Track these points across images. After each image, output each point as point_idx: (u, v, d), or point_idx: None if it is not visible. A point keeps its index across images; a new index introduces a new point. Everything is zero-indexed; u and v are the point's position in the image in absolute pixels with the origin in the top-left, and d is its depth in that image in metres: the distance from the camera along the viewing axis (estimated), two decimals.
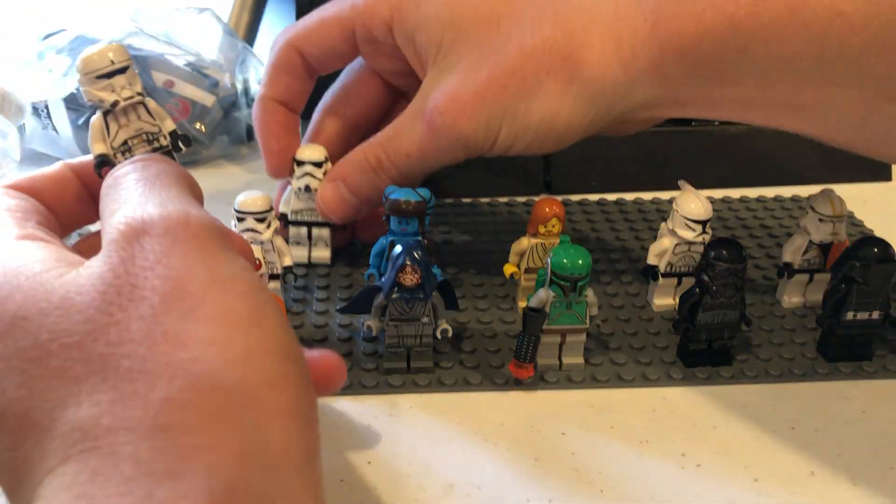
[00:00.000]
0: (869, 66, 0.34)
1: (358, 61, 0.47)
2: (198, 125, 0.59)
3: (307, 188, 0.45)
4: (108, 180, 0.27)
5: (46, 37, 0.59)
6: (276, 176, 0.47)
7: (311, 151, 0.45)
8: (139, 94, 0.32)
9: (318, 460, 0.23)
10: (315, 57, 0.45)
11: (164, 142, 0.33)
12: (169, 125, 0.33)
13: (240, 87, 0.62)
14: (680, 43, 0.36)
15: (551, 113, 0.39)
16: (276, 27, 0.81)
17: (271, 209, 0.42)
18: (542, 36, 0.38)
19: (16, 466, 0.21)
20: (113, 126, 0.32)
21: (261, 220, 0.42)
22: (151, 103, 0.33)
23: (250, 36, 0.71)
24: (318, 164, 0.45)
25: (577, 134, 0.40)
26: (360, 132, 0.48)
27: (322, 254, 0.48)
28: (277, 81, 0.45)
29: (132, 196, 0.25)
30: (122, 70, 0.31)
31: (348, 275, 0.47)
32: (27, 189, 0.29)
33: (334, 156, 0.46)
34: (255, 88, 0.63)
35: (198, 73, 0.59)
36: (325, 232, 0.47)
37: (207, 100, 0.59)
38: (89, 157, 0.32)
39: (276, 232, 0.43)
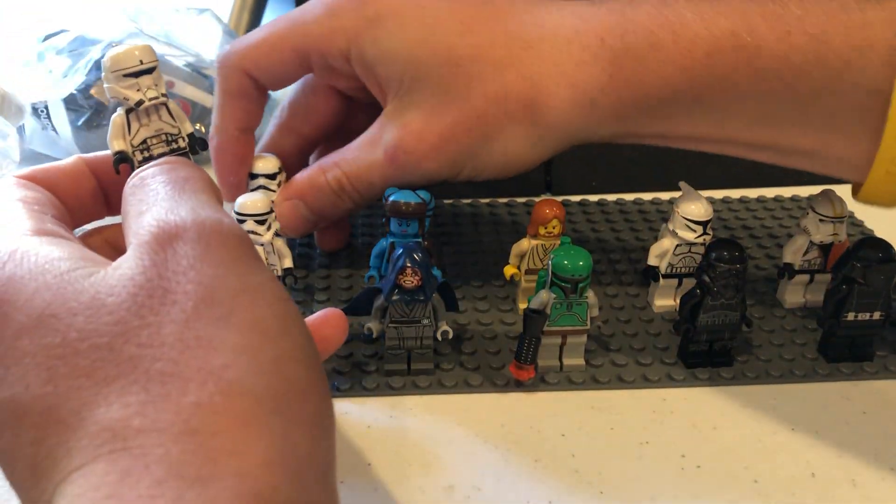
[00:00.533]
0: (818, 105, 0.36)
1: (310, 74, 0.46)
2: (198, 125, 0.59)
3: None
4: (135, 180, 0.27)
5: (46, 37, 0.59)
6: (231, 201, 0.45)
7: (264, 163, 0.45)
8: (163, 94, 0.32)
9: (335, 468, 0.23)
10: (267, 79, 0.44)
11: (182, 143, 0.33)
12: (188, 127, 0.34)
13: None
14: (637, 92, 0.38)
15: (514, 153, 0.41)
16: None
17: (271, 211, 0.42)
18: (505, 82, 0.39)
19: (36, 462, 0.21)
20: (134, 124, 0.32)
21: (261, 223, 0.42)
22: (173, 105, 0.33)
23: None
24: (272, 177, 0.45)
25: (538, 163, 0.42)
26: (316, 144, 0.48)
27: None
28: (233, 108, 0.44)
29: (162, 198, 0.25)
30: (150, 70, 0.32)
31: (348, 276, 0.47)
32: (41, 181, 0.29)
33: (289, 170, 0.46)
34: None
35: (198, 73, 0.59)
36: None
37: (207, 100, 0.59)
38: (104, 153, 0.32)
39: (276, 234, 0.43)
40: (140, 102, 0.32)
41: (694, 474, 0.34)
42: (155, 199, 0.25)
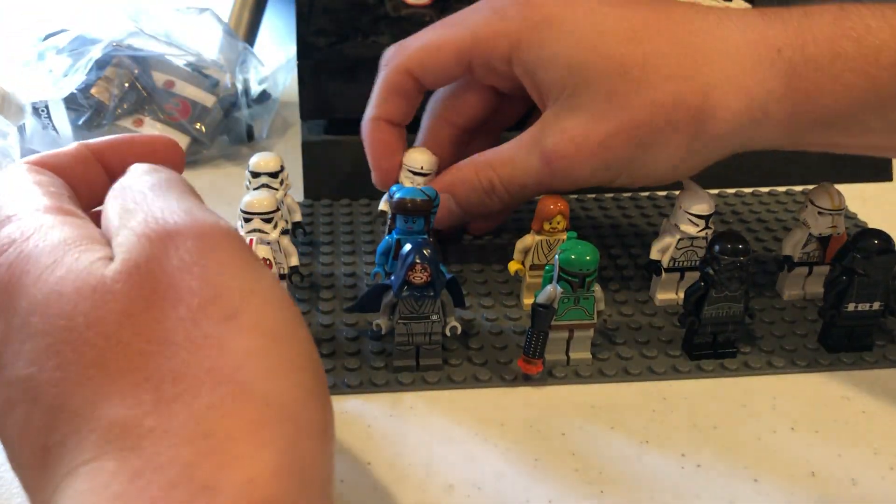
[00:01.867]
0: None
1: None
2: (198, 125, 0.59)
3: None
4: (115, 188, 0.26)
5: (46, 37, 0.59)
6: (383, 188, 0.47)
7: (266, 162, 0.45)
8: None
9: (334, 476, 0.23)
10: (428, 79, 0.45)
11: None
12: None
13: (240, 87, 0.62)
14: (815, 104, 0.37)
15: (673, 164, 0.40)
16: (276, 27, 0.82)
17: (277, 209, 0.42)
18: (673, 91, 0.39)
19: (47, 449, 0.20)
20: None
21: (268, 221, 0.42)
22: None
23: (250, 36, 0.71)
24: (274, 175, 0.45)
25: (695, 172, 0.42)
26: (470, 135, 0.49)
27: None
28: (389, 102, 0.45)
29: (151, 199, 0.24)
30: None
31: (352, 274, 0.48)
32: (51, 167, 0.28)
33: (445, 160, 0.46)
34: (256, 88, 0.64)
35: (198, 73, 0.59)
36: None
37: (207, 100, 0.59)
38: (105, 139, 0.31)
39: (282, 232, 0.43)
40: None
41: (694, 473, 0.35)
42: (143, 199, 0.24)
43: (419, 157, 0.46)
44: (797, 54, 0.37)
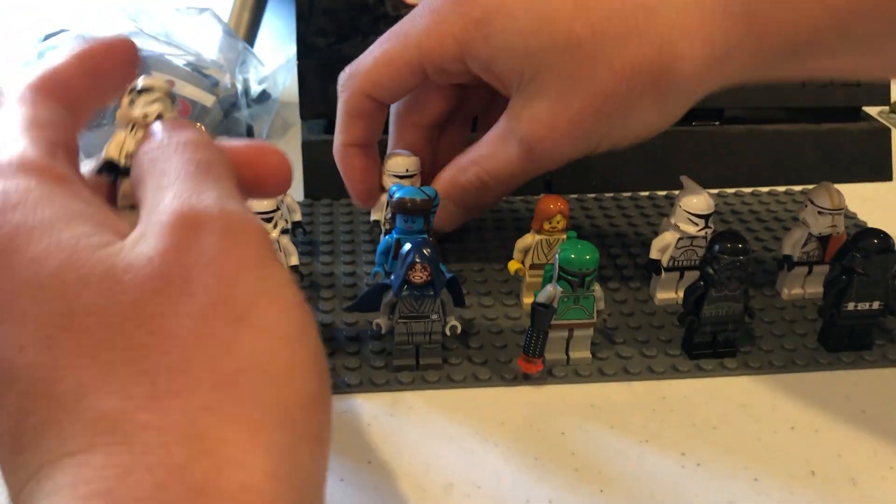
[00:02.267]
0: None
1: None
2: (198, 125, 0.59)
3: None
4: (153, 149, 0.24)
5: (46, 37, 0.59)
6: (365, 207, 0.48)
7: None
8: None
9: (326, 480, 0.23)
10: (386, 97, 0.45)
11: None
12: None
13: (240, 87, 0.62)
14: (776, 39, 0.36)
15: (649, 124, 0.41)
16: (276, 27, 0.82)
17: (277, 209, 0.43)
18: (630, 55, 0.38)
19: (20, 434, 0.19)
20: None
21: (268, 220, 0.42)
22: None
23: (250, 36, 0.71)
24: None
25: (671, 124, 0.42)
26: (440, 130, 0.49)
27: None
28: (353, 127, 0.45)
29: (184, 178, 0.22)
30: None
31: (352, 274, 0.48)
32: (57, 86, 0.25)
33: (423, 161, 0.47)
34: (256, 89, 0.64)
35: (198, 73, 0.59)
36: None
37: (207, 100, 0.59)
38: (107, 36, 0.28)
39: (282, 231, 0.43)
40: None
41: (694, 473, 0.35)
42: (177, 177, 0.23)
43: (402, 162, 0.46)
44: None
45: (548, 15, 0.39)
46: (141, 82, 0.27)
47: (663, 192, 0.59)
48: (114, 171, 0.26)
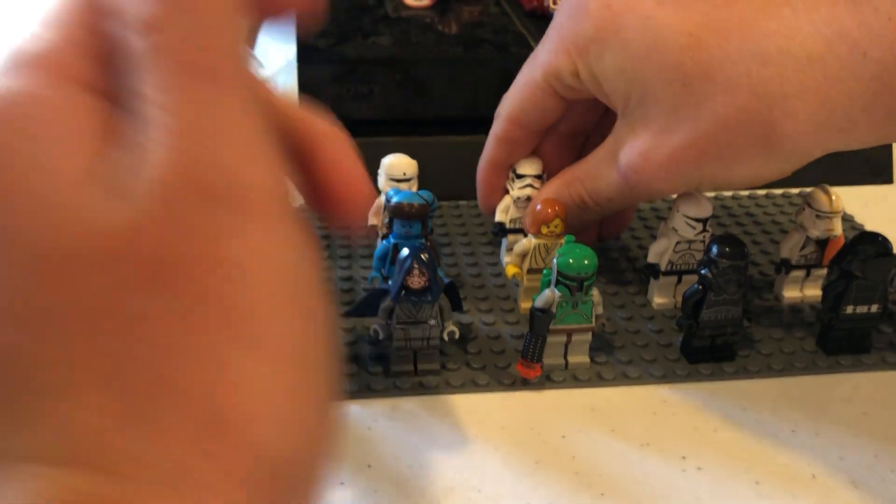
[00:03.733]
0: None
1: None
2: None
3: (527, 199, 0.47)
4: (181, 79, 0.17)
5: None
6: (488, 214, 0.50)
7: (530, 166, 0.46)
8: None
9: None
10: (534, 123, 0.45)
11: None
12: None
13: None
14: None
15: (755, 174, 0.39)
16: (276, 29, 0.82)
17: None
18: (738, 105, 0.36)
19: None
20: None
21: None
22: None
23: (250, 37, 0.71)
24: (538, 177, 0.47)
25: (782, 177, 0.40)
26: (574, 139, 0.48)
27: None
28: (497, 151, 0.47)
29: (224, 137, 0.17)
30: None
31: (349, 279, 0.48)
32: None
33: (551, 168, 0.47)
34: None
35: None
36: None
37: None
38: None
39: None
40: None
41: (695, 476, 0.35)
42: (214, 138, 0.16)
43: (400, 165, 0.46)
44: (888, 55, 0.33)
45: (659, 43, 0.37)
46: None
47: None
48: None
